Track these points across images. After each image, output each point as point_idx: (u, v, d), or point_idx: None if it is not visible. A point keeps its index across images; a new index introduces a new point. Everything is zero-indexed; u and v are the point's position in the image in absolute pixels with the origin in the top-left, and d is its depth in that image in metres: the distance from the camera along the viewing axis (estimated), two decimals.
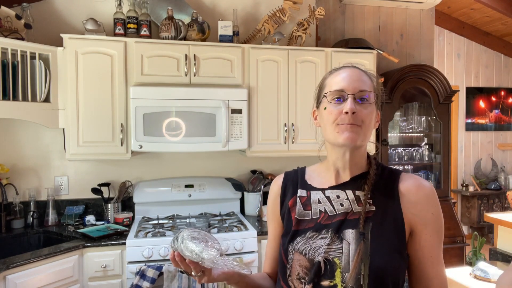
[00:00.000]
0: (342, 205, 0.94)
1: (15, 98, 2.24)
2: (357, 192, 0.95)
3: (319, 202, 0.97)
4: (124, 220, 2.58)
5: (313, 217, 0.96)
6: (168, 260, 2.22)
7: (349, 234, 0.90)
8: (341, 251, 0.89)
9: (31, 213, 2.55)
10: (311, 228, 0.95)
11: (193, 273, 0.91)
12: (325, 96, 0.95)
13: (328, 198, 0.97)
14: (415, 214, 0.92)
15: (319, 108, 0.99)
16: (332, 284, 0.88)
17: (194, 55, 2.56)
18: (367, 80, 0.96)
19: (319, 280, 0.89)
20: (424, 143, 3.46)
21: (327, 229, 0.93)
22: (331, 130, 0.93)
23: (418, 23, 3.56)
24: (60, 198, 2.70)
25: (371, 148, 2.62)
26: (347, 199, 0.95)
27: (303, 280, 0.91)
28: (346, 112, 0.90)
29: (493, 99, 5.60)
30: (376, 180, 0.96)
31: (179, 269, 0.95)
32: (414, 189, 0.93)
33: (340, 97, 0.93)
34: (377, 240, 0.89)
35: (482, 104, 5.56)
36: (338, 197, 0.96)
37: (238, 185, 2.85)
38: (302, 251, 0.93)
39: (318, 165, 1.07)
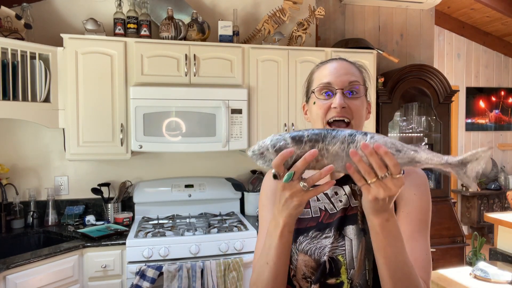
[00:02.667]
0: (341, 201, 0.94)
1: (15, 98, 2.24)
2: (353, 186, 0.94)
3: (318, 200, 0.97)
4: (124, 220, 2.58)
5: (313, 215, 0.96)
6: (168, 260, 2.23)
7: (350, 230, 0.90)
8: (344, 248, 0.90)
9: (31, 213, 2.55)
10: (313, 227, 0.94)
11: (301, 183, 0.72)
12: (313, 92, 0.95)
13: (326, 195, 0.96)
14: (401, 194, 0.90)
15: (309, 103, 0.99)
16: (338, 281, 0.89)
17: (194, 55, 2.56)
18: (355, 71, 0.95)
19: (325, 278, 0.90)
20: (424, 143, 3.46)
21: (330, 227, 0.92)
22: (321, 127, 0.93)
23: (418, 23, 3.56)
24: (60, 198, 2.70)
25: None
26: (345, 194, 0.94)
27: (309, 280, 0.91)
28: (335, 107, 0.90)
29: (493, 99, 5.60)
30: None
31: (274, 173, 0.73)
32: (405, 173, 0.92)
33: (328, 91, 0.92)
34: None
35: (482, 104, 5.56)
36: (336, 193, 0.95)
37: (238, 185, 2.84)
38: (307, 252, 0.92)
39: None
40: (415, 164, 0.70)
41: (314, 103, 0.94)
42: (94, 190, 2.65)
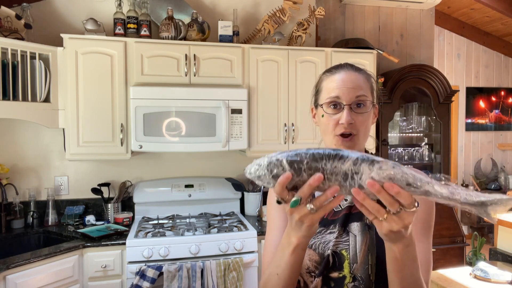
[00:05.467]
0: (346, 200, 0.97)
1: (15, 98, 2.24)
2: None
3: None
4: (124, 220, 2.58)
5: None
6: (168, 260, 2.23)
7: (355, 227, 0.93)
8: (348, 243, 0.92)
9: (31, 213, 2.55)
10: (318, 223, 0.96)
11: (308, 206, 0.69)
12: (322, 106, 0.97)
13: None
14: None
15: (317, 111, 1.01)
16: (341, 275, 0.91)
17: (194, 55, 2.56)
18: (363, 82, 0.96)
19: (328, 272, 0.92)
20: (424, 143, 3.46)
21: (334, 224, 0.95)
22: (329, 140, 0.96)
23: (418, 23, 3.56)
24: (60, 198, 2.70)
25: (370, 144, 2.62)
26: None
27: (313, 274, 0.93)
28: (343, 123, 0.92)
29: (493, 99, 5.59)
30: None
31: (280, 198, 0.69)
32: None
33: (336, 104, 0.95)
34: None
35: (482, 104, 5.56)
36: None
37: (238, 185, 2.84)
38: (312, 246, 0.94)
39: None
40: (428, 196, 0.64)
41: (323, 115, 0.97)
42: (94, 190, 2.65)
